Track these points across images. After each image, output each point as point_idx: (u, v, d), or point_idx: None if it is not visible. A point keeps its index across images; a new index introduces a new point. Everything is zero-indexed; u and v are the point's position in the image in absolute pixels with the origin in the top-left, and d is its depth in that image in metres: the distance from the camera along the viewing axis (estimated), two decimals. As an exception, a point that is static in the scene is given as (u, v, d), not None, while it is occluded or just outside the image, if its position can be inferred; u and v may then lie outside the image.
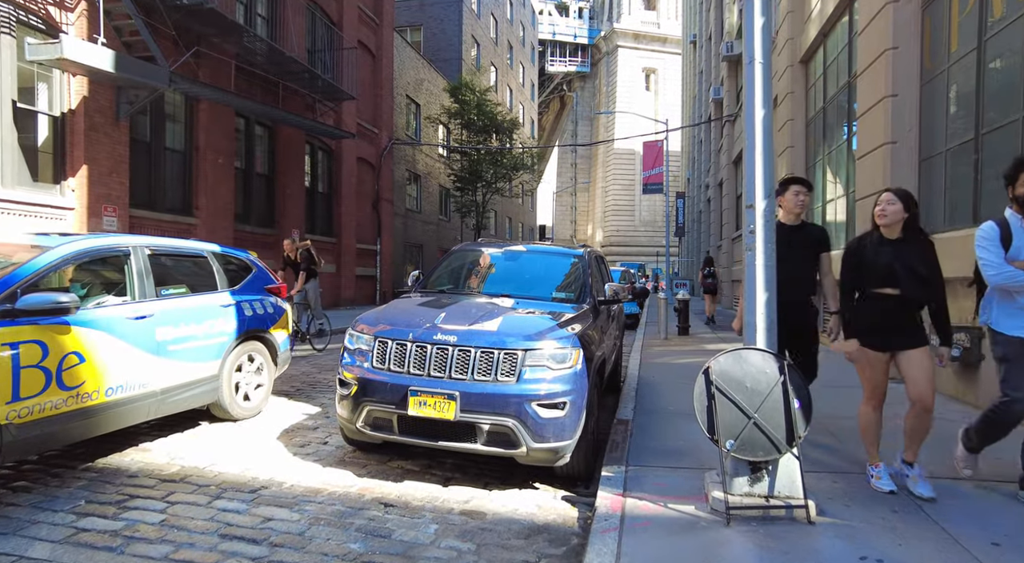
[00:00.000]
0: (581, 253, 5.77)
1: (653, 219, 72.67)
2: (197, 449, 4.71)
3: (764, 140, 3.39)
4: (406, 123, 25.81)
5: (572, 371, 3.90)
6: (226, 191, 14.10)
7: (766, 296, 3.38)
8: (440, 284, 5.57)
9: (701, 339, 11.50)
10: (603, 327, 5.17)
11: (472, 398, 3.75)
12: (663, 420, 5.28)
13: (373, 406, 3.97)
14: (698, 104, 35.41)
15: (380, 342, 4.10)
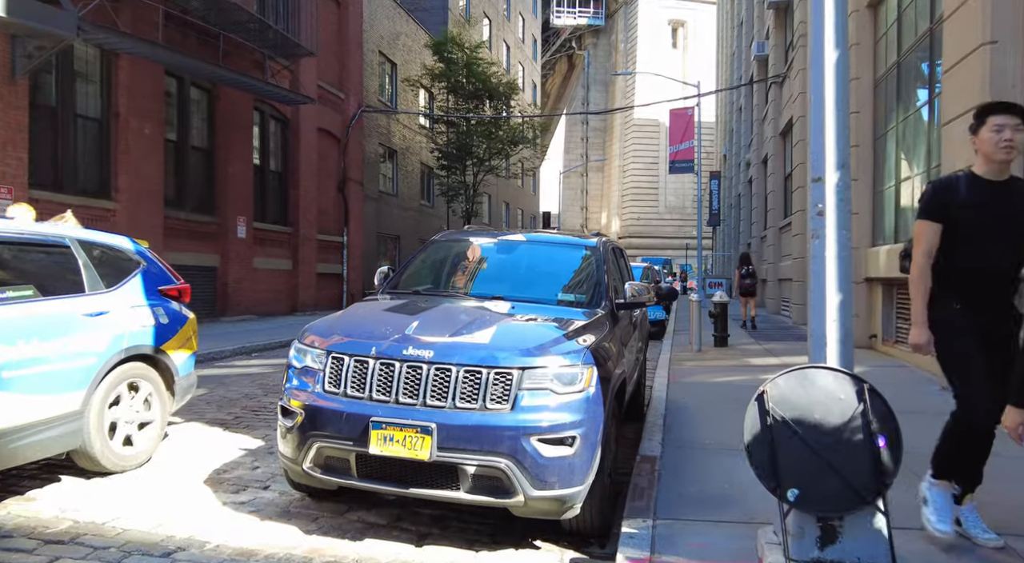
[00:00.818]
0: (594, 243, 5.53)
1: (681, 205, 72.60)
2: (99, 498, 4.44)
3: (838, 91, 3.12)
4: (379, 87, 25.56)
5: (583, 396, 3.64)
6: (153, 168, 13.83)
7: (840, 297, 3.12)
8: (415, 283, 5.32)
9: (744, 351, 11.27)
10: (623, 338, 4.92)
11: (453, 432, 3.49)
12: (700, 457, 5.03)
13: (325, 442, 3.71)
14: (737, 63, 35.24)
15: (334, 359, 3.84)
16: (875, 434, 2.98)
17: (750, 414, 3.13)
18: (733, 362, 10.09)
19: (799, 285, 16.90)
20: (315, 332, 4.09)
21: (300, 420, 3.79)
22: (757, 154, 26.66)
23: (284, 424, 3.91)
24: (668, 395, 7.35)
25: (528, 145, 31.38)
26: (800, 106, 17.01)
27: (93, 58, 12.89)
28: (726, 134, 42.59)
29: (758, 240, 26.55)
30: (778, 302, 21.45)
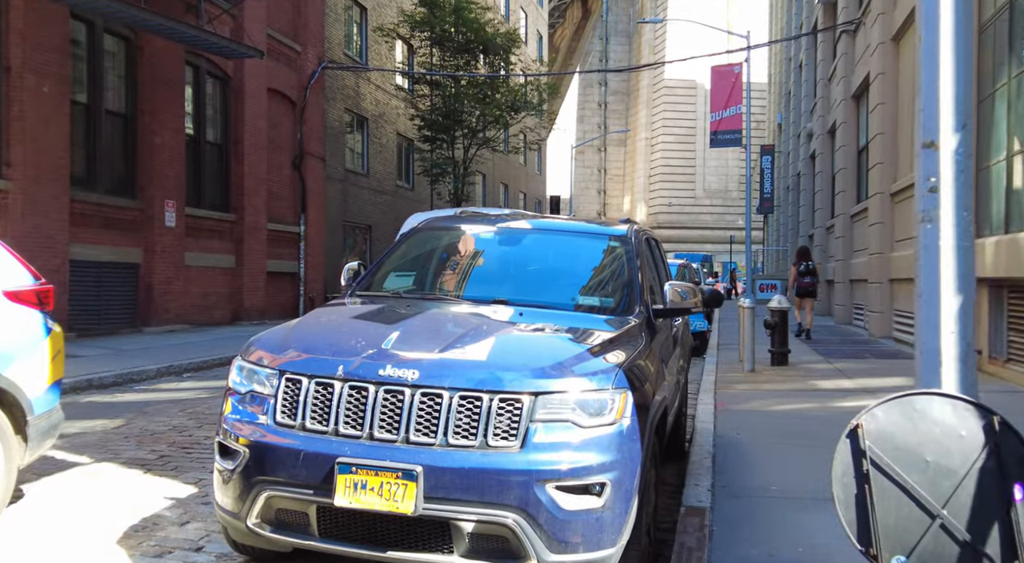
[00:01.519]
0: (624, 232, 5.39)
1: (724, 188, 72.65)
2: (-20, 560, 4.27)
3: (957, 27, 2.97)
4: (346, 37, 25.47)
5: (615, 430, 3.49)
6: (57, 138, 13.70)
7: (959, 301, 2.97)
8: (394, 283, 5.17)
9: (809, 372, 11.13)
10: (663, 354, 4.79)
11: (445, 477, 3.33)
12: (762, 509, 4.89)
13: (276, 491, 3.55)
14: (796, 9, 35.20)
15: (289, 381, 3.68)
16: (1011, 483, 2.82)
17: (840, 455, 2.97)
18: (796, 385, 9.95)
19: (876, 288, 16.81)
20: (263, 347, 3.93)
21: (243, 461, 3.64)
22: (822, 122, 26.58)
23: (223, 466, 3.76)
24: (716, 428, 7.24)
25: (532, 112, 31.27)
26: (880, 60, 16.93)
27: (-19, -2, 12.76)
28: (781, 98, 42.57)
29: (822, 231, 26.48)
30: (849, 309, 21.35)
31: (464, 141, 27.89)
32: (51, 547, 4.51)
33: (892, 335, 16.08)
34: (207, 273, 18.31)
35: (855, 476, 2.94)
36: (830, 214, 25.15)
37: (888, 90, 16.84)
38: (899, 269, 15.50)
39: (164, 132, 16.55)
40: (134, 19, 14.70)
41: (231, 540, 4.09)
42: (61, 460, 6.49)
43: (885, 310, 16.59)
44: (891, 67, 16.82)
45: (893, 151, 16.69)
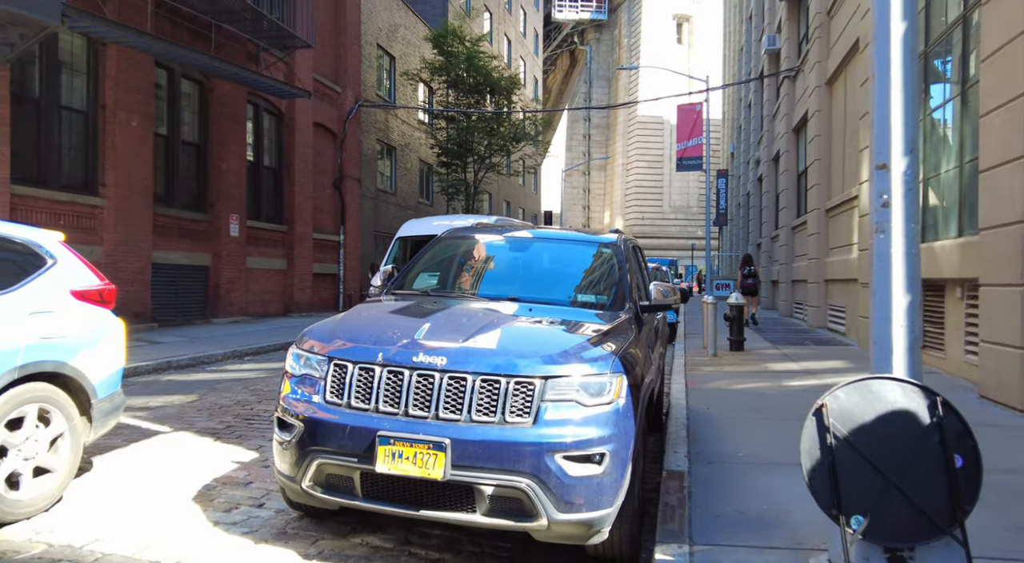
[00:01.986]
0: (614, 240, 5.26)
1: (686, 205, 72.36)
2: (78, 517, 4.15)
3: (905, 66, 2.84)
4: (377, 81, 25.29)
5: (613, 408, 3.36)
6: (143, 164, 13.55)
7: (908, 299, 2.84)
8: (422, 284, 5.04)
9: (762, 356, 10.99)
10: (649, 342, 4.64)
11: (469, 448, 3.20)
12: (731, 472, 4.74)
13: (326, 459, 3.42)
14: (746, 58, 34.97)
15: (336, 366, 3.55)
16: (951, 453, 2.70)
17: (807, 431, 2.85)
18: (752, 367, 9.80)
19: (814, 287, 16.65)
20: (315, 336, 3.80)
21: (299, 434, 3.51)
22: (768, 151, 26.39)
23: (281, 438, 3.63)
24: (688, 403, 7.07)
25: (530, 142, 31.09)
26: (816, 100, 16.76)
27: (79, 48, 12.61)
28: (733, 131, 42.30)
29: (768, 240, 26.28)
30: (791, 304, 21.18)
31: (474, 166, 27.70)
32: (140, 501, 4.39)
33: (827, 326, 15.92)
34: (264, 274, 18.15)
35: (820, 448, 2.81)
36: (775, 226, 24.97)
37: (823, 124, 16.68)
38: (832, 272, 15.34)
39: (229, 159, 16.39)
40: (206, 66, 14.55)
41: (287, 499, 3.96)
42: (147, 429, 6.37)
43: (821, 305, 16.43)
44: (825, 106, 16.66)
45: (827, 175, 16.52)
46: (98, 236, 12.71)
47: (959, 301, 8.48)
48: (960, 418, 2.76)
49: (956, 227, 8.85)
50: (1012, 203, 6.57)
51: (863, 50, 12.29)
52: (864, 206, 11.97)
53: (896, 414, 2.77)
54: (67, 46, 12.37)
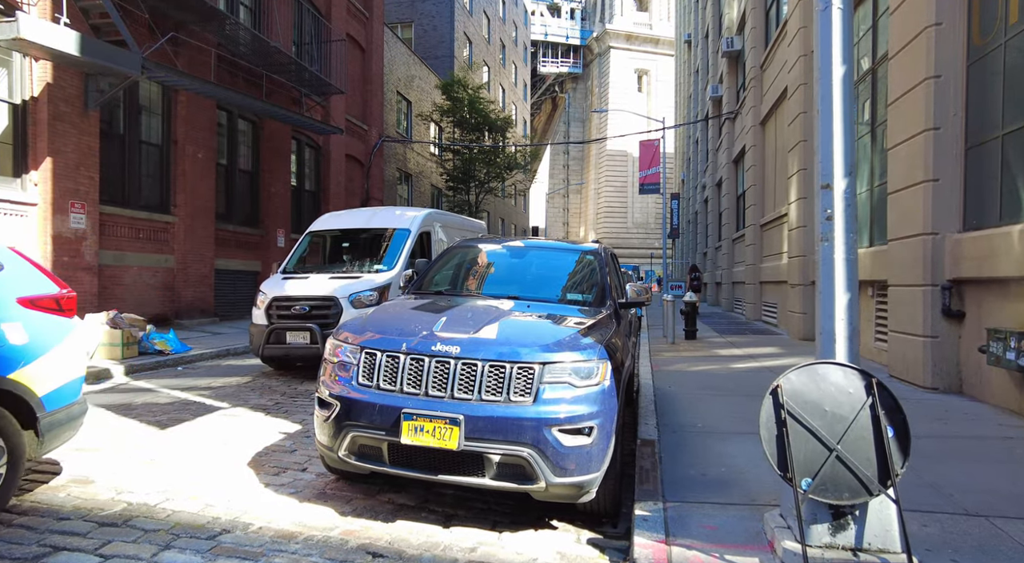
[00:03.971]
0: (596, 248, 5.14)
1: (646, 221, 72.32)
2: (151, 479, 3.99)
3: (845, 103, 2.74)
4: (397, 121, 25.10)
5: (599, 389, 3.24)
6: (206, 188, 13.34)
7: (848, 297, 2.73)
8: (437, 285, 4.90)
9: (711, 344, 10.88)
10: (627, 333, 4.52)
11: (479, 423, 3.08)
12: (693, 440, 4.62)
13: (359, 432, 3.28)
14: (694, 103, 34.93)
15: (367, 354, 3.42)
16: (884, 425, 2.59)
17: (765, 408, 2.73)
18: (704, 353, 9.69)
19: (751, 287, 16.56)
20: (349, 329, 3.66)
21: (336, 411, 3.37)
22: (712, 178, 26.31)
23: (321, 414, 3.49)
24: (654, 382, 6.95)
25: (520, 170, 30.96)
26: (752, 137, 16.69)
27: (156, 94, 12.40)
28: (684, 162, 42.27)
29: (713, 249, 26.18)
30: (732, 302, 21.09)
31: (475, 190, 27.55)
32: (205, 465, 4.23)
33: (762, 319, 15.83)
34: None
35: (775, 422, 2.70)
36: (718, 238, 24.86)
37: (757, 156, 16.61)
38: (766, 275, 15.26)
39: (277, 183, 16.18)
40: (259, 109, 14.34)
41: (327, 464, 3.81)
42: (210, 405, 6.21)
43: (756, 302, 16.34)
44: (759, 141, 16.59)
45: (761, 197, 16.44)
46: (171, 247, 12.50)
47: (870, 298, 8.40)
48: (891, 395, 2.66)
49: (868, 238, 8.78)
50: (914, 219, 6.49)
51: (790, 97, 12.23)
52: (792, 221, 11.89)
53: (839, 392, 2.66)
54: (146, 92, 12.16)
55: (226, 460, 4.42)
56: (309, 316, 7.55)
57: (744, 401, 5.92)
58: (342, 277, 8.07)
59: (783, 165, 13.62)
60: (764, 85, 15.95)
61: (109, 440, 4.88)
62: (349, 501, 3.69)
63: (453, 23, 31.46)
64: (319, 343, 7.24)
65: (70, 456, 4.45)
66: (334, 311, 7.48)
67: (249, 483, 3.95)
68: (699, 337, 11.67)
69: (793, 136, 11.89)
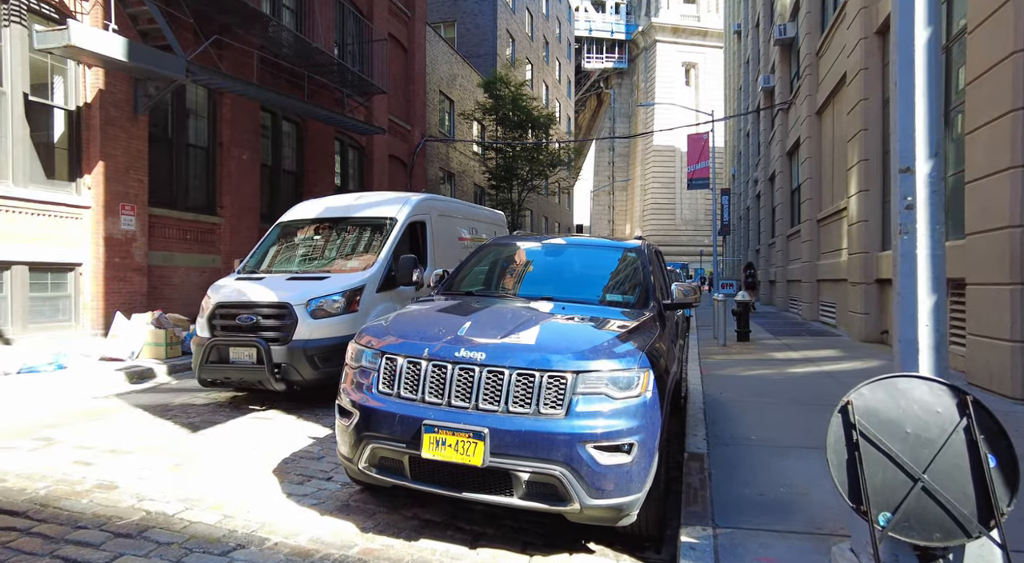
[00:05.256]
0: (638, 245, 4.77)
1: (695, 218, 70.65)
2: (174, 486, 3.88)
3: (929, 73, 2.33)
4: (439, 120, 25.09)
5: (640, 400, 2.91)
6: (251, 189, 13.52)
7: (933, 299, 2.33)
8: (468, 285, 4.64)
9: (765, 346, 10.28)
10: (672, 338, 4.15)
11: (506, 437, 2.80)
12: (748, 455, 4.22)
13: (379, 444, 3.06)
14: (744, 95, 33.74)
15: (388, 359, 3.19)
16: (984, 453, 2.17)
17: (833, 427, 2.35)
18: (757, 356, 9.14)
19: (807, 285, 15.73)
20: (370, 333, 3.44)
21: (355, 420, 3.16)
22: (764, 172, 25.29)
23: (341, 423, 3.28)
24: (704, 388, 6.50)
25: (564, 167, 30.52)
26: (807, 128, 15.85)
27: (202, 97, 12.63)
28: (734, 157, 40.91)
29: (766, 246, 25.16)
30: (786, 301, 20.17)
31: (518, 188, 27.30)
32: (230, 471, 4.10)
33: (819, 319, 15.01)
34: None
35: (846, 445, 2.31)
36: (771, 235, 23.87)
37: (813, 148, 15.76)
38: (823, 273, 14.45)
39: (321, 184, 16.32)
40: (302, 110, 14.47)
41: (349, 475, 3.62)
42: (244, 407, 6.14)
43: (813, 302, 15.51)
44: (815, 132, 15.74)
45: (818, 190, 15.59)
46: (216, 247, 12.72)
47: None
48: (992, 417, 2.23)
49: (941, 233, 8.06)
50: (999, 210, 5.86)
51: (849, 83, 11.47)
52: (853, 216, 11.16)
53: (924, 412, 2.26)
54: (192, 96, 12.40)
55: (252, 466, 4.28)
56: (256, 328, 5.92)
57: (803, 410, 5.45)
58: (305, 277, 6.50)
59: (841, 156, 12.83)
60: (820, 73, 15.10)
61: (141, 442, 4.83)
62: (372, 515, 3.48)
63: (495, 21, 31.29)
64: (265, 362, 5.69)
65: (101, 458, 4.41)
66: (287, 321, 5.85)
67: (271, 492, 3.79)
68: (752, 339, 11.08)
69: (853, 125, 11.15)
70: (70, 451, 4.57)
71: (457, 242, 8.95)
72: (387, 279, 6.68)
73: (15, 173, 9.11)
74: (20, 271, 9.12)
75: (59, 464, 4.26)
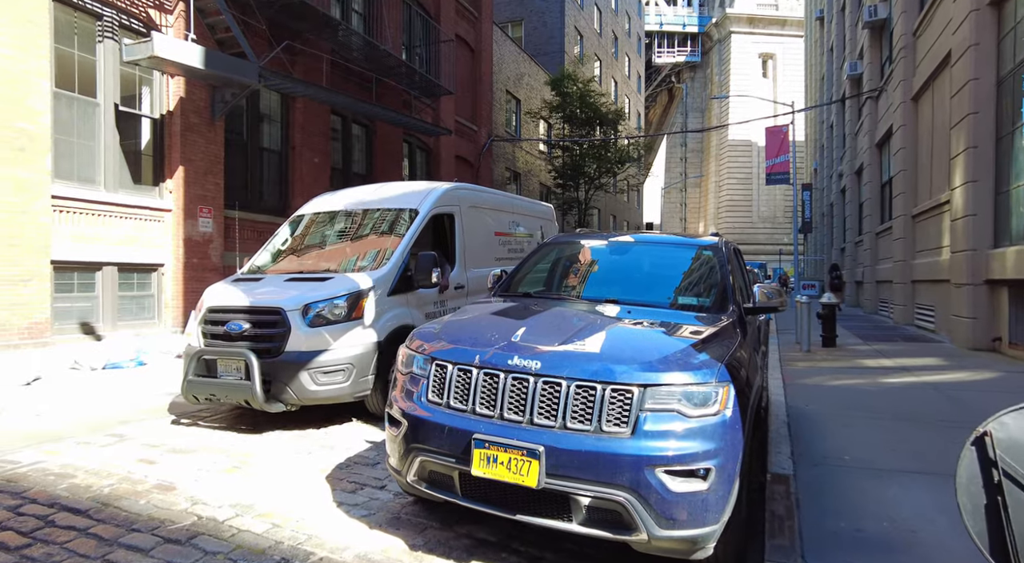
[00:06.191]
0: (715, 242, 4.34)
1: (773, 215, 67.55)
2: (228, 490, 3.82)
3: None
4: (506, 120, 24.99)
5: (719, 419, 2.54)
6: (322, 191, 13.78)
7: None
8: (527, 286, 4.36)
9: (854, 352, 9.44)
10: (754, 347, 3.72)
11: (564, 457, 2.50)
12: (841, 478, 3.72)
13: (427, 457, 2.84)
14: (827, 85, 31.75)
15: (438, 366, 2.96)
16: None
17: (965, 463, 1.91)
18: (846, 363, 8.36)
19: (901, 287, 14.46)
20: (421, 337, 3.22)
21: (404, 430, 2.95)
22: (850, 165, 23.61)
23: (391, 432, 3.09)
24: (786, 399, 5.93)
25: (633, 164, 29.73)
26: (901, 115, 14.57)
27: (275, 102, 13.01)
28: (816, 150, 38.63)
29: (852, 245, 23.50)
30: (875, 302, 18.72)
31: (585, 186, 26.80)
32: (284, 477, 4.01)
33: (913, 323, 13.75)
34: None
35: (983, 486, 1.87)
36: (858, 232, 22.25)
37: (908, 137, 14.46)
38: (919, 273, 13.21)
39: (389, 185, 16.52)
40: (372, 113, 14.69)
41: (400, 487, 3.42)
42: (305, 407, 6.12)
43: (907, 304, 14.23)
44: (910, 120, 14.44)
45: (913, 183, 14.29)
46: (289, 248, 13.05)
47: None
48: None
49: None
50: None
51: (955, 63, 10.38)
52: (958, 210, 10.08)
53: (1090, 449, 1.79)
54: (266, 101, 12.79)
55: (305, 471, 4.18)
56: (243, 336, 5.10)
57: (905, 427, 4.84)
58: (305, 278, 5.62)
59: (942, 145, 11.67)
60: (917, 54, 13.84)
61: (204, 441, 4.86)
62: (423, 531, 3.26)
63: (564, 18, 30.92)
64: (252, 378, 4.82)
65: (164, 457, 4.45)
66: (279, 329, 5.01)
67: (322, 500, 3.66)
68: (839, 344, 10.22)
69: (959, 109, 10.07)
70: (137, 449, 4.64)
71: (493, 238, 8.08)
72: (403, 280, 5.80)
73: (106, 179, 9.62)
74: (110, 271, 9.62)
75: (125, 462, 4.32)
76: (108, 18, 9.60)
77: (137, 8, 9.96)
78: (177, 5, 10.45)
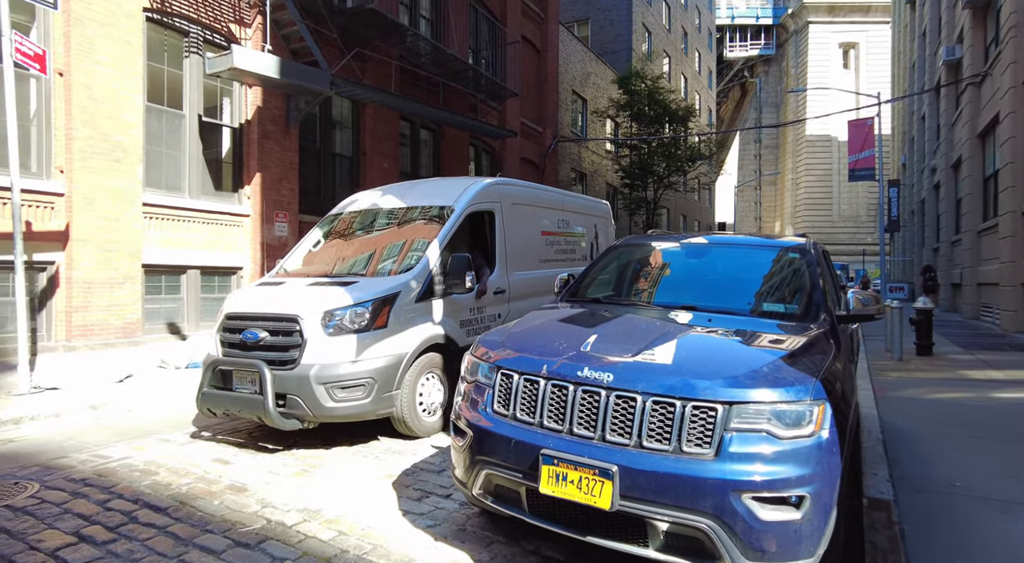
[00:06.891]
0: (801, 243, 4.01)
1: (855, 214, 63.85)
2: (297, 494, 3.85)
3: None
4: (571, 120, 24.74)
5: (814, 441, 2.29)
6: (390, 195, 14.07)
7: None
8: (596, 291, 4.18)
9: (954, 362, 8.65)
10: (849, 359, 3.39)
11: (639, 479, 2.32)
12: (951, 507, 3.32)
13: (493, 470, 2.73)
14: (918, 73, 29.64)
15: (504, 375, 2.85)
16: None
17: None
18: (946, 374, 7.65)
19: (1009, 290, 13.21)
20: (486, 344, 3.12)
21: (469, 441, 2.85)
22: (945, 159, 21.88)
23: (455, 443, 3.00)
24: (879, 414, 5.44)
25: (704, 161, 28.76)
26: (1010, 102, 13.32)
27: (347, 109, 13.37)
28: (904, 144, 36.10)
29: (947, 245, 21.75)
30: (976, 307, 17.21)
31: (654, 186, 26.15)
32: (352, 482, 4.01)
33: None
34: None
35: None
36: (955, 231, 20.58)
37: (1018, 126, 13.19)
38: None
39: (455, 188, 16.64)
40: (440, 118, 14.85)
41: (466, 498, 3.34)
42: (372, 410, 6.18)
43: (1017, 309, 12.96)
44: (1021, 107, 13.17)
45: (1023, 177, 13.03)
46: (359, 251, 13.37)
47: None
48: None
49: None
50: None
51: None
52: (1078, 205, 9.06)
53: None
54: (338, 108, 13.16)
55: (372, 476, 4.17)
56: (259, 346, 4.76)
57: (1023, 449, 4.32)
58: (328, 282, 5.20)
59: (1060, 133, 10.54)
60: (1029, 33, 12.61)
61: (276, 442, 4.96)
62: (489, 545, 3.15)
63: (631, 15, 30.35)
64: (265, 393, 4.50)
65: (238, 457, 4.56)
66: (295, 339, 4.64)
67: (388, 508, 3.62)
68: (936, 352, 9.40)
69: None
70: (213, 448, 4.79)
71: (539, 238, 7.47)
72: (434, 284, 5.37)
73: (190, 187, 10.15)
74: (193, 274, 10.13)
75: (202, 461, 4.46)
76: (194, 34, 10.13)
77: (219, 24, 10.46)
78: (255, 18, 10.91)
